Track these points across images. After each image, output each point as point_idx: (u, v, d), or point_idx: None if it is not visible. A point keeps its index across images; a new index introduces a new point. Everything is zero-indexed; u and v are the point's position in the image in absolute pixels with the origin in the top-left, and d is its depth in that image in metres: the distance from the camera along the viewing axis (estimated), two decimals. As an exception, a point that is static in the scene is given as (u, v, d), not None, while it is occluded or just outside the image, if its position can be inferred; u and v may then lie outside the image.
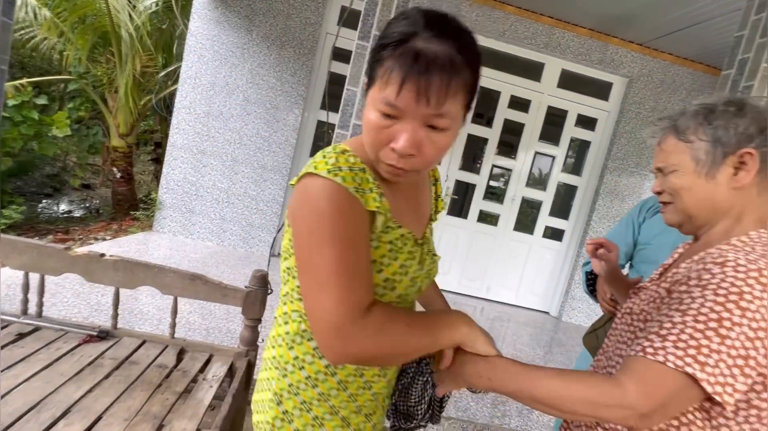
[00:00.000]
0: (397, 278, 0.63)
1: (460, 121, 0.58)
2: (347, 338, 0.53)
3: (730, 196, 0.63)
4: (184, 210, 3.76)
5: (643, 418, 0.52)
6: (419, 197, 0.73)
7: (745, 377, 0.51)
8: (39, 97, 4.85)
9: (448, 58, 0.52)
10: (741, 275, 0.53)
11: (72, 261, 1.27)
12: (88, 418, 0.96)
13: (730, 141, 0.62)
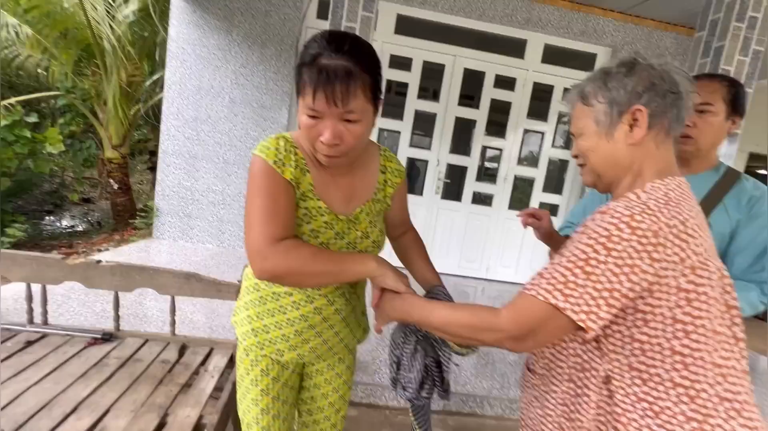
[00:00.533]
0: (308, 238, 0.81)
1: (371, 112, 0.77)
2: (264, 258, 0.74)
3: (629, 153, 0.67)
4: (181, 215, 3.81)
5: (516, 341, 0.61)
6: (353, 183, 0.87)
7: (609, 307, 0.58)
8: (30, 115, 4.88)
9: (344, 69, 0.69)
10: (614, 220, 0.58)
11: (70, 269, 1.33)
12: (97, 412, 1.03)
13: (622, 100, 0.66)
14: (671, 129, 0.67)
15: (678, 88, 0.65)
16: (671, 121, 0.66)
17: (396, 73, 3.85)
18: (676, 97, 0.65)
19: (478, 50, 3.82)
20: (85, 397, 1.08)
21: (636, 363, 0.62)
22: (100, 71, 4.41)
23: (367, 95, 0.73)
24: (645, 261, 0.57)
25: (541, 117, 4.04)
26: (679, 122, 0.67)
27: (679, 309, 0.59)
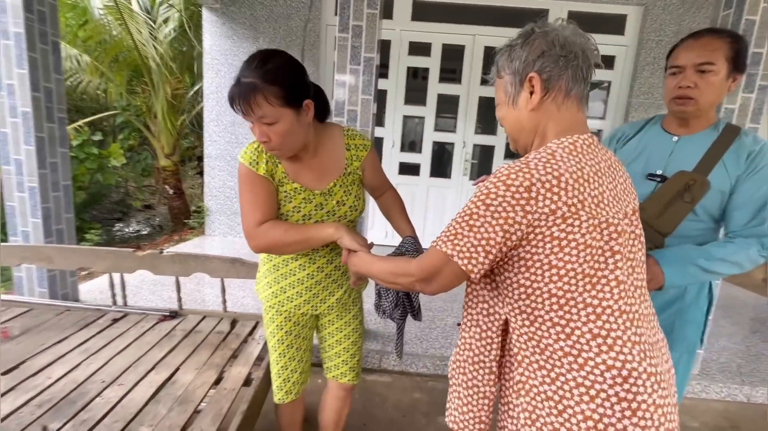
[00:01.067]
0: (292, 213, 1.03)
1: (289, 113, 0.91)
2: (252, 238, 0.99)
3: (531, 117, 0.73)
4: (228, 213, 4.18)
5: (422, 283, 0.74)
6: (323, 163, 1.07)
7: (486, 254, 0.67)
8: (95, 134, 5.51)
9: (251, 85, 0.87)
10: (494, 179, 0.66)
11: (141, 260, 1.61)
12: (170, 369, 1.27)
13: (520, 69, 0.71)
14: (570, 90, 0.70)
15: (570, 50, 0.68)
16: (568, 82, 0.69)
17: (416, 60, 3.91)
18: (568, 60, 0.68)
19: (497, 27, 3.77)
20: (160, 359, 1.33)
21: (523, 306, 0.70)
22: (149, 88, 4.88)
23: (273, 102, 0.88)
24: (518, 213, 0.63)
25: (569, 88, 3.91)
26: (578, 81, 0.70)
27: (553, 255, 0.65)
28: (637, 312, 0.68)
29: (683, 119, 1.09)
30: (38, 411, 1.05)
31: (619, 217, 0.67)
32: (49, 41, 1.99)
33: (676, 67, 1.05)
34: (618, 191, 0.70)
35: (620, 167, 0.75)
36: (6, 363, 1.24)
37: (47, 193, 2.04)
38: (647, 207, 1.06)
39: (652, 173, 1.11)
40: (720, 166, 1.03)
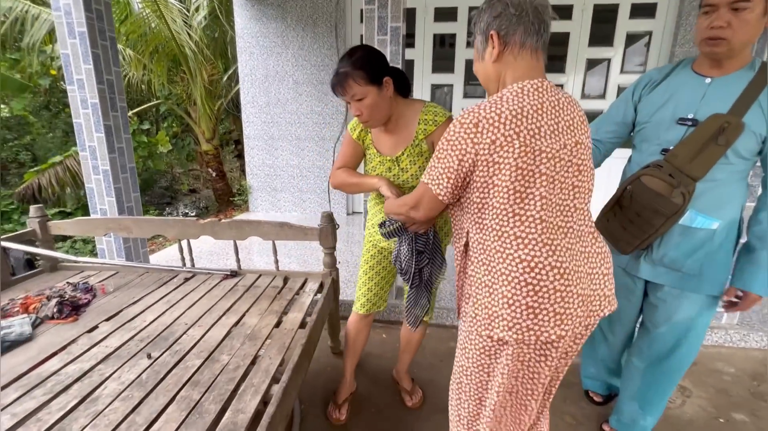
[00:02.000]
0: (370, 171, 1.38)
1: (374, 90, 1.19)
2: (331, 176, 1.42)
3: (494, 68, 0.87)
4: (269, 189, 4.44)
5: (414, 209, 0.97)
6: (397, 135, 1.31)
7: (448, 179, 0.86)
8: (143, 124, 5.92)
9: (344, 73, 1.18)
10: (455, 120, 0.84)
11: (202, 227, 1.83)
12: (237, 315, 1.49)
13: (484, 29, 0.86)
14: (524, 42, 0.83)
15: (522, 9, 0.81)
16: (521, 36, 0.82)
17: (443, 26, 3.87)
18: (520, 17, 0.81)
19: (526, -17, 3.63)
20: (229, 307, 1.56)
21: (477, 218, 0.89)
22: (187, 76, 5.15)
23: (360, 82, 1.17)
24: (468, 144, 0.81)
25: (606, 42, 3.74)
26: (531, 34, 0.82)
27: (495, 176, 0.82)
28: (552, 222, 0.84)
29: (716, 60, 1.05)
30: (141, 344, 1.29)
31: (555, 147, 0.82)
32: (107, 37, 2.20)
33: (709, 6, 1.00)
34: (560, 126, 0.83)
35: (569, 107, 0.86)
36: (108, 312, 1.51)
37: (117, 175, 2.32)
38: (679, 152, 1.06)
39: (683, 117, 1.09)
40: (756, 107, 1.00)
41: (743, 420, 1.62)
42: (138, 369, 1.15)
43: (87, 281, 1.75)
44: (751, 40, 1.00)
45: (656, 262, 1.20)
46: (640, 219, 1.11)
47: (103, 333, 1.35)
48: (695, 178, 1.04)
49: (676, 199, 1.04)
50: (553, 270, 0.83)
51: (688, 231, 1.13)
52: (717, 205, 1.10)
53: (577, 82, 3.86)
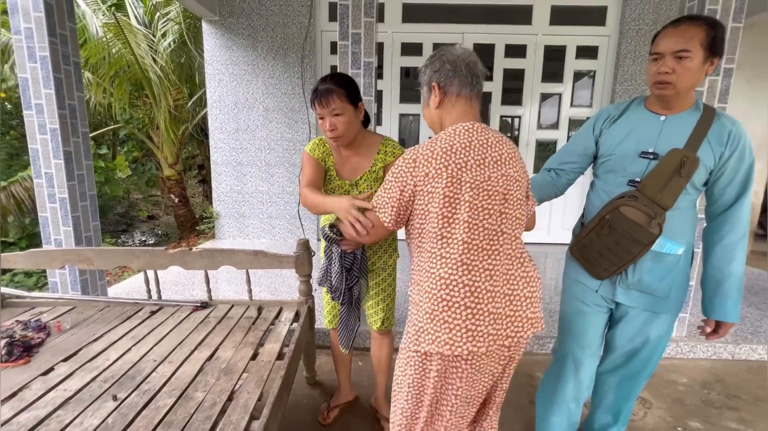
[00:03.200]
0: (329, 192, 1.45)
1: (351, 109, 1.33)
2: (300, 194, 1.36)
3: (437, 113, 1.03)
4: (236, 216, 4.34)
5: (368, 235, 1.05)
6: (358, 161, 1.44)
7: (391, 207, 0.97)
8: (100, 148, 5.66)
9: (328, 88, 1.30)
10: (400, 157, 0.98)
11: (172, 257, 1.77)
12: (211, 348, 1.44)
13: (427, 81, 1.02)
14: (460, 92, 0.98)
15: (456, 65, 0.96)
16: (458, 87, 0.98)
17: (409, 60, 4.08)
18: (454, 72, 0.97)
19: (485, 24, 3.95)
20: (201, 340, 1.49)
21: (417, 241, 1.00)
22: (150, 100, 5.03)
23: (342, 99, 1.30)
24: (408, 177, 0.94)
25: (556, 79, 4.10)
26: (465, 86, 0.98)
27: (429, 204, 0.93)
28: (477, 245, 0.93)
29: (664, 101, 1.16)
30: (105, 385, 1.21)
31: (479, 178, 0.92)
32: (71, 62, 2.15)
33: (656, 54, 1.11)
34: (487, 161, 0.94)
35: (498, 144, 0.96)
36: (65, 351, 1.40)
37: (76, 203, 2.20)
38: (648, 183, 1.14)
39: (645, 151, 1.18)
40: (705, 144, 1.11)
41: (698, 427, 1.74)
42: (103, 413, 1.08)
43: (39, 318, 1.63)
44: (694, 85, 1.11)
45: (631, 287, 1.25)
46: (619, 247, 1.18)
47: (60, 375, 1.26)
48: (665, 207, 1.13)
49: (653, 229, 1.11)
50: (465, 287, 0.92)
51: (659, 256, 1.20)
52: (681, 232, 1.19)
53: (533, 113, 4.16)
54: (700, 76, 1.10)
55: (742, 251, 1.16)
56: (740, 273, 1.17)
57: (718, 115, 1.13)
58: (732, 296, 1.18)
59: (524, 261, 1.00)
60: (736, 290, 1.17)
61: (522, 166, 1.00)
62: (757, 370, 2.16)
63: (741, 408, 1.87)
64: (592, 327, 1.35)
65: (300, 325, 1.62)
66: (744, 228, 1.15)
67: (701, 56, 1.06)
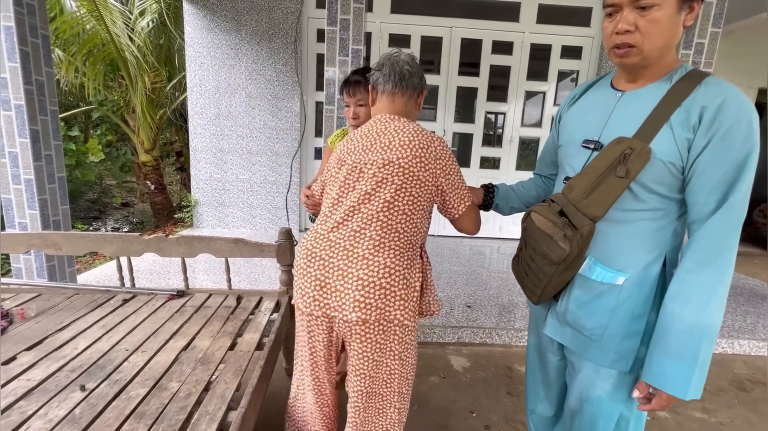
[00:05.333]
0: None
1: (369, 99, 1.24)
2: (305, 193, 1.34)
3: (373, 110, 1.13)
4: (216, 204, 4.23)
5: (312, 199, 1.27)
6: None
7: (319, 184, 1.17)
8: (71, 130, 5.39)
9: (355, 80, 1.45)
10: None
11: (147, 243, 1.70)
12: (187, 338, 1.39)
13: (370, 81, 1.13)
14: (383, 90, 1.07)
15: (381, 65, 1.07)
16: (382, 85, 1.07)
17: (396, 51, 4.03)
18: (381, 73, 1.07)
19: (473, 19, 3.94)
20: (177, 330, 1.44)
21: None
22: (126, 82, 4.81)
23: (368, 91, 1.28)
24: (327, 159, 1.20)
25: (541, 77, 4.15)
26: (385, 83, 1.06)
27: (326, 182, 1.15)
28: (332, 218, 1.01)
29: (630, 74, 0.83)
30: (72, 375, 1.15)
31: (359, 161, 1.00)
32: (39, 34, 2.02)
33: (611, 6, 0.78)
34: (375, 147, 1.00)
35: (394, 133, 1.01)
36: (29, 340, 1.33)
37: (43, 185, 2.08)
38: (575, 184, 0.84)
39: (587, 139, 0.88)
40: (666, 129, 0.76)
41: (665, 416, 1.82)
42: (69, 403, 1.02)
43: (1, 305, 1.53)
44: (667, 44, 0.76)
45: (560, 318, 0.94)
46: (534, 263, 0.91)
47: (23, 364, 1.19)
48: (592, 217, 0.81)
49: (562, 243, 0.81)
50: (305, 250, 1.02)
51: (586, 283, 0.88)
52: (620, 254, 0.84)
53: (517, 111, 4.20)
54: (676, 30, 0.76)
55: (714, 294, 0.74)
56: (701, 327, 0.74)
57: (701, 84, 0.76)
58: (679, 356, 0.75)
59: (383, 246, 0.95)
60: (689, 350, 0.74)
61: (418, 156, 0.98)
62: (720, 362, 2.27)
63: (705, 398, 1.96)
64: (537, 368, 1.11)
65: (280, 315, 1.59)
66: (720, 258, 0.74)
67: (674, 1, 0.73)
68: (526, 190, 1.19)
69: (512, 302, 2.65)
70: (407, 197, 0.98)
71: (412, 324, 1.01)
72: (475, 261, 3.64)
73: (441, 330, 2.25)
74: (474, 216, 1.10)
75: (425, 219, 1.05)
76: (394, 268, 0.95)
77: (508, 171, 4.31)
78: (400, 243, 0.98)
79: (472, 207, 1.08)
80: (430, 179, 1.00)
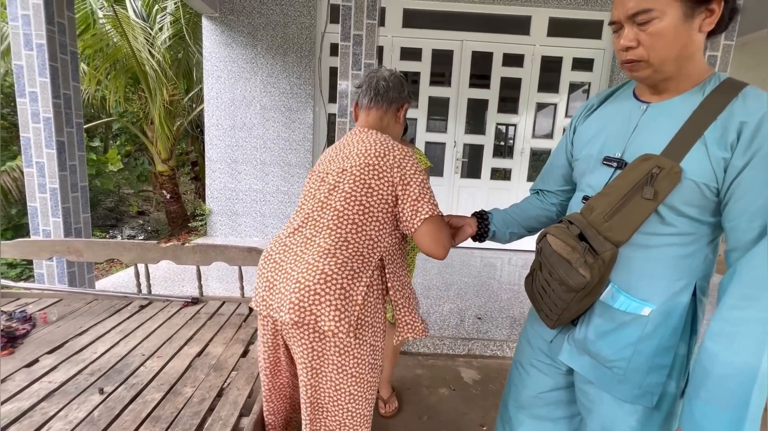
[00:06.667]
0: None
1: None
2: None
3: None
4: (229, 213, 4.30)
5: None
6: None
7: None
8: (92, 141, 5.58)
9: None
10: None
11: (163, 251, 1.75)
12: (201, 344, 1.42)
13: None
14: (362, 104, 1.10)
15: (361, 83, 1.11)
16: (360, 100, 1.11)
17: (408, 64, 4.11)
18: (360, 88, 1.10)
19: (484, 32, 4.00)
20: (191, 336, 1.48)
21: None
22: (146, 94, 4.98)
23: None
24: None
25: (552, 89, 4.16)
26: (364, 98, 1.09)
27: None
28: (292, 222, 1.02)
29: (652, 86, 0.77)
30: (91, 378, 1.18)
31: (323, 171, 1.01)
32: (68, 51, 2.12)
33: (613, 23, 0.76)
34: (339, 157, 1.01)
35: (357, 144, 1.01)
36: (50, 343, 1.38)
37: (67, 194, 2.16)
38: (595, 205, 0.77)
39: (609, 156, 0.81)
40: (699, 147, 0.69)
41: None
42: (88, 406, 1.06)
43: (24, 309, 1.59)
44: (679, 53, 0.71)
45: (578, 345, 0.86)
46: (550, 288, 0.83)
47: (45, 367, 1.23)
48: (615, 242, 0.74)
49: (581, 269, 0.75)
50: (264, 253, 1.03)
51: (608, 311, 0.80)
52: (645, 282, 0.77)
53: (528, 122, 4.21)
54: (689, 39, 0.70)
55: (763, 335, 0.63)
56: (751, 371, 0.63)
57: (739, 96, 0.68)
58: (726, 404, 0.64)
59: (328, 254, 0.92)
60: (736, 398, 0.64)
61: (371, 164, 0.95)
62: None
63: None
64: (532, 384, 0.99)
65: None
66: (764, 296, 0.64)
67: (677, 10, 0.68)
68: (523, 212, 1.07)
69: (523, 314, 2.63)
70: (357, 206, 0.94)
71: (345, 337, 0.90)
72: (485, 272, 3.62)
73: (451, 342, 2.24)
74: (434, 232, 0.94)
75: (383, 232, 0.96)
76: (332, 276, 0.90)
77: (520, 182, 4.30)
78: (348, 253, 0.92)
79: (431, 221, 0.94)
80: (384, 188, 0.94)
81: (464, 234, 1.07)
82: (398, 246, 1.02)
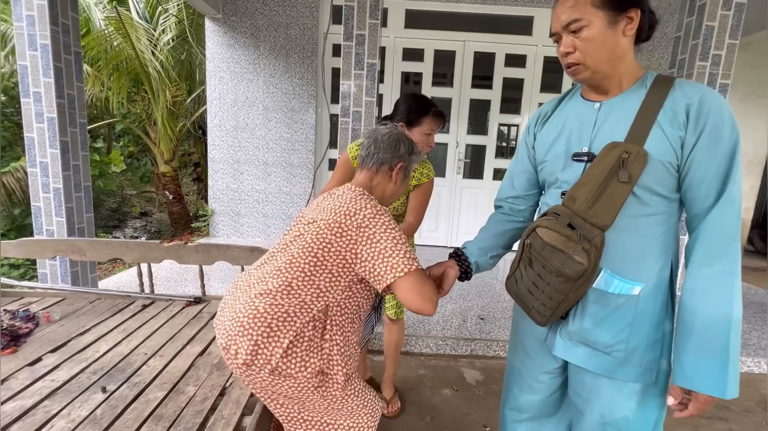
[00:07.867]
0: None
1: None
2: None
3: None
4: (231, 214, 4.31)
5: None
6: None
7: None
8: (95, 142, 5.60)
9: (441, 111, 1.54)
10: None
11: (166, 250, 1.75)
12: (203, 343, 1.42)
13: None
14: (359, 164, 1.12)
15: (363, 142, 1.12)
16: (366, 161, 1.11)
17: (410, 65, 4.11)
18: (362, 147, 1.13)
19: (486, 33, 4.00)
20: (193, 336, 1.47)
21: None
22: (149, 95, 5.00)
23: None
24: None
25: (555, 89, 4.15)
26: (360, 160, 1.11)
27: None
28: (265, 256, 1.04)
29: (594, 86, 0.87)
30: (94, 377, 1.18)
31: (301, 221, 1.02)
32: (72, 51, 2.13)
33: (554, 35, 0.86)
34: (321, 206, 1.01)
35: (335, 198, 1.01)
36: (53, 342, 1.38)
37: (70, 194, 2.17)
38: (577, 194, 0.82)
39: (577, 152, 0.88)
40: (656, 130, 0.79)
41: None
42: (91, 404, 1.05)
43: (28, 308, 1.59)
44: (610, 55, 0.81)
45: (573, 337, 0.90)
46: (544, 283, 0.86)
47: (48, 365, 1.23)
48: (601, 226, 0.79)
49: (578, 257, 0.78)
50: (235, 278, 1.06)
51: (603, 297, 0.85)
52: (633, 263, 0.83)
53: (531, 123, 4.20)
54: (616, 42, 0.80)
55: (730, 286, 0.75)
56: (725, 320, 0.75)
57: (675, 86, 0.80)
58: (710, 353, 0.75)
59: (267, 293, 0.92)
60: (718, 346, 0.75)
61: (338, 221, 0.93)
62: (747, 382, 2.18)
63: (731, 419, 1.88)
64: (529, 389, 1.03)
65: (294, 323, 1.61)
66: (729, 249, 0.76)
67: (601, 19, 0.78)
68: (495, 231, 1.09)
69: (526, 315, 2.61)
70: (311, 257, 0.93)
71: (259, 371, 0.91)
72: (487, 273, 3.61)
73: (454, 342, 2.23)
74: (417, 287, 0.89)
75: (335, 284, 0.94)
76: (262, 314, 0.89)
77: (522, 183, 4.29)
78: (288, 299, 0.91)
79: (411, 277, 0.89)
80: (344, 246, 0.92)
81: (450, 279, 1.04)
82: (352, 301, 0.99)
